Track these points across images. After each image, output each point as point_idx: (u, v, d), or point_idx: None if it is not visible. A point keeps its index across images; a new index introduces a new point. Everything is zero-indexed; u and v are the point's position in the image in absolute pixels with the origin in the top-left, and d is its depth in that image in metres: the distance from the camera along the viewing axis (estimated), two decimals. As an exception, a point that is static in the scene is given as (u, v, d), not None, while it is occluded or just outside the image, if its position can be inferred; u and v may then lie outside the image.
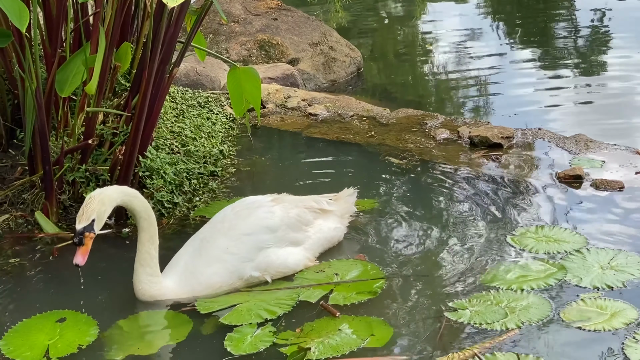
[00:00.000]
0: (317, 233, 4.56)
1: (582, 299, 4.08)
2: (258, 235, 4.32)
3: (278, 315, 4.01)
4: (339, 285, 4.28)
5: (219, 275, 4.20)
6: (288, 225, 4.42)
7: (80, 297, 4.28)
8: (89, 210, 3.87)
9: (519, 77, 8.95)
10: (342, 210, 4.75)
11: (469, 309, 4.03)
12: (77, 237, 3.87)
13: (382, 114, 7.00)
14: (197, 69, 7.80)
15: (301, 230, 4.49)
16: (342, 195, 4.83)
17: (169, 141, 5.80)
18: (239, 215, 4.36)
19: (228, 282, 4.22)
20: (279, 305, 4.08)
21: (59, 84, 4.78)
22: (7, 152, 5.73)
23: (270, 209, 4.42)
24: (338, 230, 4.70)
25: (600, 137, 6.34)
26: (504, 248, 4.67)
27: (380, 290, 4.21)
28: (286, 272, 4.38)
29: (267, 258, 4.30)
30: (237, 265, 4.23)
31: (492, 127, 6.39)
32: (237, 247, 4.25)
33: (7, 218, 5.09)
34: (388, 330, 3.87)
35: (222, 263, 4.21)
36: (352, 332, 3.86)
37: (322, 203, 4.67)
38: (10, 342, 3.88)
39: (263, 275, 4.29)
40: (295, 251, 4.42)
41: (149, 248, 4.09)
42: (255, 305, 4.09)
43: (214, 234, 4.31)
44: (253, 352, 3.74)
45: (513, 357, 3.60)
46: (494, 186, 5.55)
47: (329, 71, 9.02)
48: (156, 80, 4.96)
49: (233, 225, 4.31)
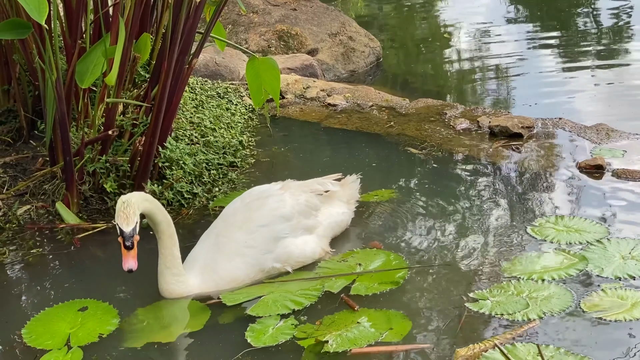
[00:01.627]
0: (327, 219, 4.59)
1: (603, 289, 4.05)
2: (273, 225, 4.32)
3: (305, 305, 4.01)
4: (362, 276, 4.27)
5: (240, 270, 4.21)
6: (299, 212, 4.43)
7: (101, 287, 4.31)
8: (130, 212, 3.84)
9: (539, 67, 8.90)
10: (348, 196, 4.79)
11: (490, 299, 4.02)
12: (129, 240, 3.82)
13: (401, 104, 6.98)
14: (216, 59, 7.80)
15: (312, 216, 4.50)
16: (346, 182, 4.86)
17: (188, 132, 5.81)
18: (251, 207, 4.36)
19: (250, 275, 4.23)
20: (304, 296, 4.08)
21: (79, 75, 4.80)
22: (28, 143, 5.76)
23: (280, 197, 4.43)
24: (345, 215, 4.74)
25: (621, 126, 6.29)
26: (524, 238, 4.64)
27: (402, 280, 4.21)
28: (305, 262, 4.40)
29: (286, 249, 4.31)
30: (257, 257, 4.24)
31: (512, 117, 6.36)
32: (255, 240, 4.25)
33: (29, 209, 5.13)
34: (406, 324, 3.86)
35: (242, 257, 4.22)
36: (371, 325, 3.85)
37: (326, 184, 4.70)
38: (33, 330, 3.92)
39: (284, 266, 4.31)
40: (310, 239, 4.44)
41: (172, 249, 4.10)
42: (281, 296, 4.09)
43: (229, 228, 4.31)
44: (272, 345, 3.75)
45: (533, 347, 3.59)
46: (513, 176, 5.52)
47: (348, 61, 9.01)
48: (175, 71, 4.97)
49: (247, 218, 4.31)
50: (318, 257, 4.45)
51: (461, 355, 3.59)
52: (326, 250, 4.52)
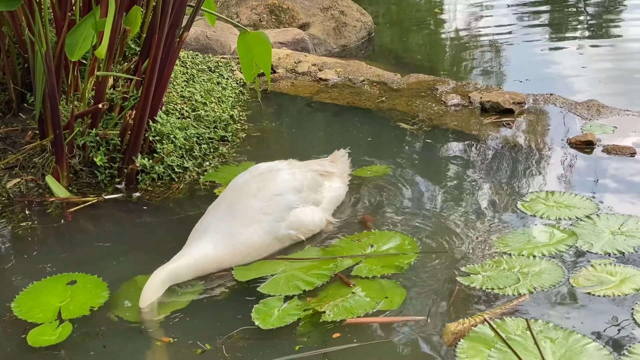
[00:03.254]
0: (329, 193, 4.69)
1: (592, 264, 4.07)
2: (287, 195, 4.39)
3: (316, 286, 3.98)
4: (370, 258, 4.26)
5: (257, 235, 4.23)
6: (308, 186, 4.52)
7: (91, 260, 4.31)
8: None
9: (531, 43, 8.89)
10: (341, 171, 4.88)
11: (482, 274, 4.03)
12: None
13: (392, 79, 6.97)
14: (207, 33, 7.76)
15: (318, 192, 4.60)
16: (337, 157, 4.94)
17: (179, 106, 5.79)
18: (263, 178, 4.42)
19: (266, 242, 4.26)
20: (316, 276, 4.06)
21: (69, 47, 4.77)
22: (18, 116, 5.73)
23: (291, 171, 4.52)
24: (342, 190, 4.82)
25: (612, 102, 6.30)
26: (514, 214, 4.66)
27: (407, 267, 4.13)
28: (314, 231, 4.47)
29: (297, 217, 4.38)
30: (272, 224, 4.28)
31: (503, 93, 6.36)
32: (271, 208, 4.30)
33: (18, 182, 5.11)
34: (401, 293, 3.89)
35: (258, 223, 4.25)
36: (366, 295, 3.88)
37: (326, 166, 4.80)
38: (22, 304, 3.91)
39: (297, 234, 4.36)
40: (317, 210, 4.53)
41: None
42: (293, 276, 4.08)
43: (243, 196, 4.33)
44: (282, 326, 3.71)
45: (522, 322, 3.60)
46: (504, 152, 5.53)
47: (339, 36, 8.98)
48: (166, 45, 4.94)
49: (262, 187, 4.36)
50: (324, 227, 4.54)
51: (451, 330, 3.61)
52: (330, 221, 4.60)
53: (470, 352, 3.45)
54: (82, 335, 3.69)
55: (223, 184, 5.03)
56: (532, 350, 3.43)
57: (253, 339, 3.62)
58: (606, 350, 3.41)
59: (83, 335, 3.69)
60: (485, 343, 3.51)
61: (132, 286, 4.05)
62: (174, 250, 4.16)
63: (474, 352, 3.45)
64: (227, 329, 3.69)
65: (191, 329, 3.73)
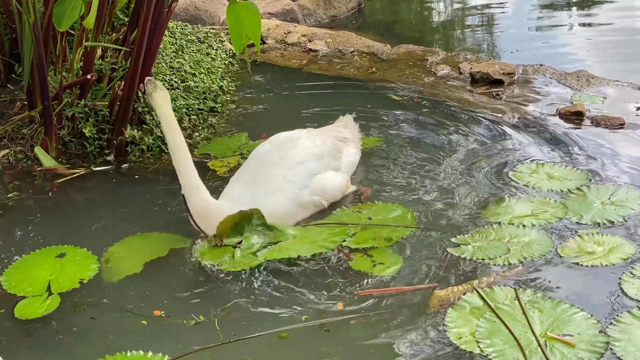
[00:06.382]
0: (347, 158, 4.72)
1: (580, 235, 4.09)
2: (309, 162, 4.42)
3: (315, 255, 4.01)
4: (365, 229, 4.25)
5: (280, 204, 4.25)
6: (328, 153, 4.55)
7: (80, 232, 4.30)
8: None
9: (521, 13, 8.87)
10: (353, 135, 4.89)
11: (472, 244, 4.04)
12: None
13: (382, 50, 6.95)
14: (197, 3, 7.72)
15: (338, 158, 4.63)
16: (346, 121, 4.94)
17: (168, 77, 5.76)
18: (284, 147, 4.44)
19: (289, 210, 4.29)
20: (321, 246, 4.08)
21: (57, 17, 4.73)
22: (6, 87, 5.69)
23: (311, 138, 4.54)
24: (357, 155, 4.85)
25: (602, 73, 6.31)
26: (505, 184, 4.66)
27: (397, 240, 4.13)
28: (336, 196, 4.51)
29: (320, 183, 4.41)
30: (296, 192, 4.31)
31: (493, 64, 6.35)
32: (294, 176, 4.33)
33: (7, 153, 5.09)
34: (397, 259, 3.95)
35: (282, 192, 4.28)
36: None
37: (342, 132, 4.80)
38: (12, 278, 3.89)
39: (320, 199, 4.39)
40: (337, 175, 4.55)
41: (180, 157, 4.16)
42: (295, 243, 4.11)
43: (265, 165, 4.36)
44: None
45: (511, 291, 3.62)
46: (494, 123, 5.53)
47: (329, 7, 8.93)
48: (155, 15, 4.90)
49: (283, 156, 4.38)
50: (345, 191, 4.57)
51: (439, 296, 3.63)
52: (349, 186, 4.62)
53: (459, 322, 3.47)
54: (70, 307, 3.69)
55: (217, 156, 5.05)
56: (521, 320, 3.45)
57: (246, 313, 3.63)
58: (594, 320, 3.44)
59: (72, 307, 3.69)
60: (474, 313, 3.53)
61: (115, 252, 4.08)
62: (164, 223, 4.16)
63: (462, 322, 3.47)
64: (221, 302, 3.70)
65: (185, 304, 3.75)
